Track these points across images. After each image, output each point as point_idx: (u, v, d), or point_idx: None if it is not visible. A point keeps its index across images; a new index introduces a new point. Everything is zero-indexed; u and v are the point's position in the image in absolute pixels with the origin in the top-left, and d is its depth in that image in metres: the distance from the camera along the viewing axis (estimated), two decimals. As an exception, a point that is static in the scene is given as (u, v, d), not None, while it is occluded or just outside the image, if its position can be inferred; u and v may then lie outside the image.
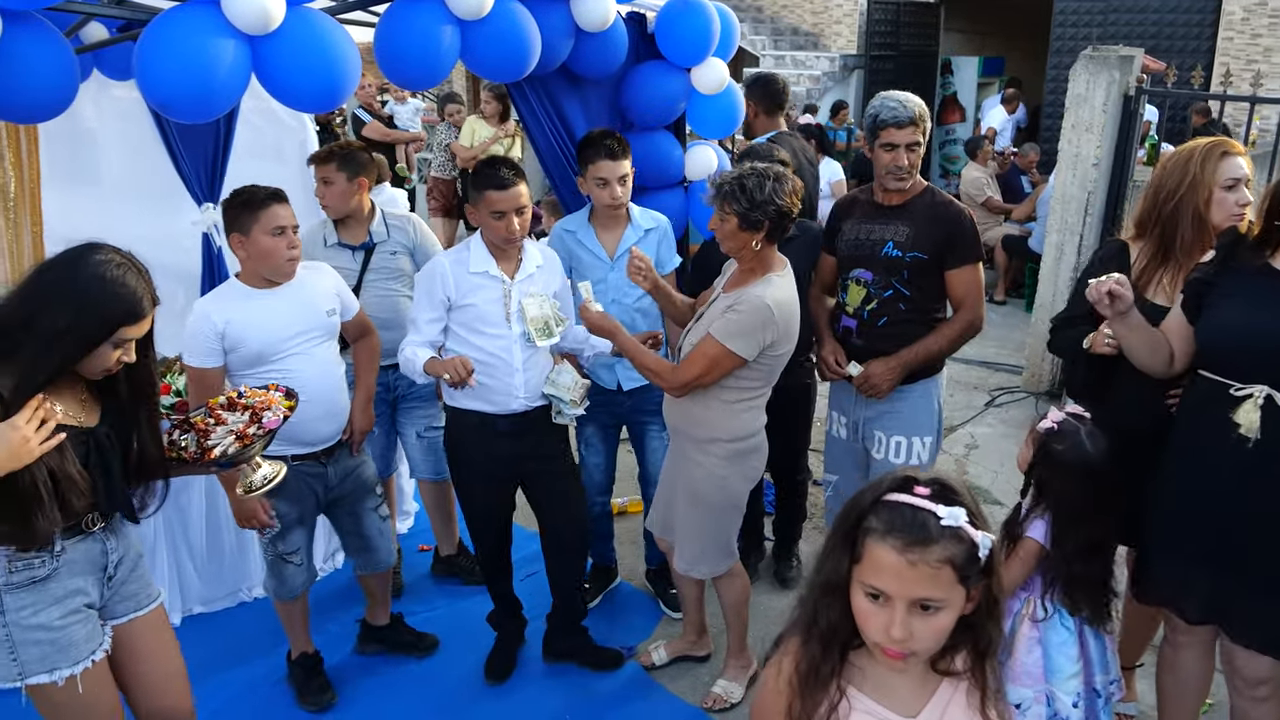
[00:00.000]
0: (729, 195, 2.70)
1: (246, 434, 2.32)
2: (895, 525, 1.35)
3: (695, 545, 3.04)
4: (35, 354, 1.98)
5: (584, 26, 3.15)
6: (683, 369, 2.80)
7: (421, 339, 2.96)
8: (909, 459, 3.18)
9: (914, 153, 3.01)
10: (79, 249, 2.05)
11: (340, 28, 2.52)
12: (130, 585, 2.34)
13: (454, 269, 2.94)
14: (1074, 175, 5.60)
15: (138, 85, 2.35)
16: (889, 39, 12.65)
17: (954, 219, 3.07)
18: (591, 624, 3.65)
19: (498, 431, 3.04)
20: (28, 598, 2.11)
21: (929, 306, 3.14)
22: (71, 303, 2.00)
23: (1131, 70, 5.45)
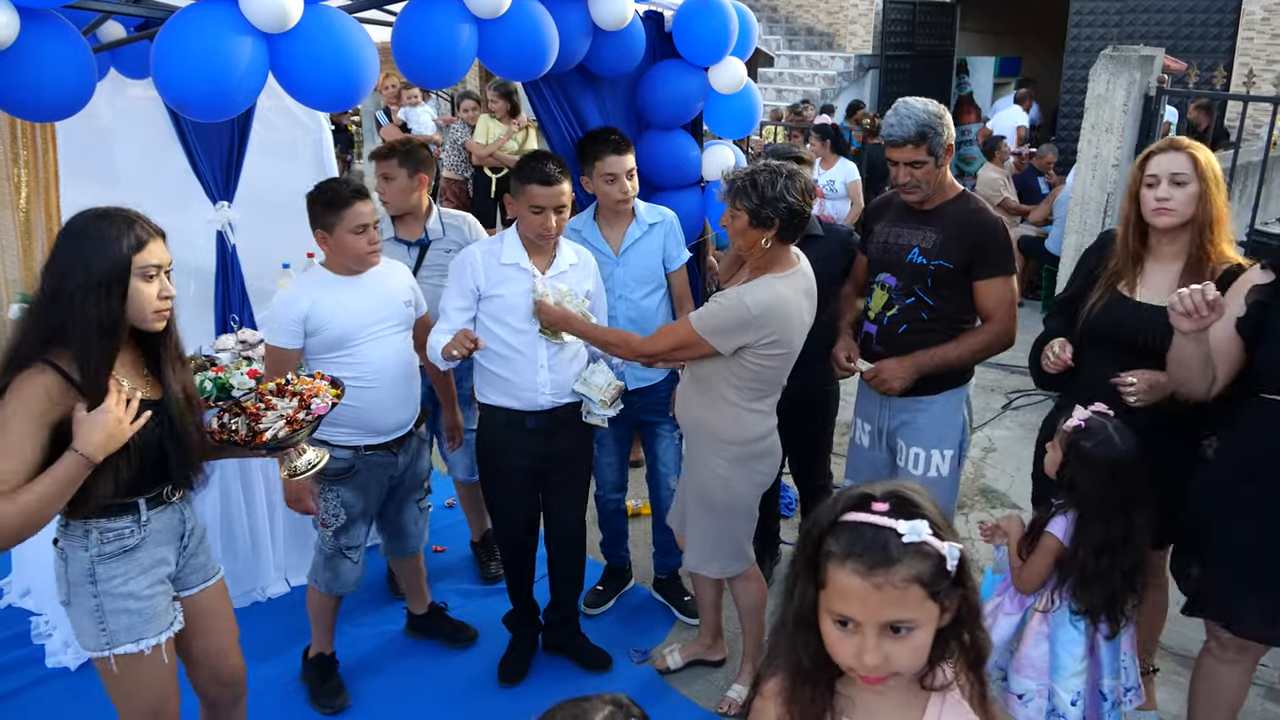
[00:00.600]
0: (740, 191, 2.67)
1: (296, 419, 2.37)
2: (855, 548, 1.27)
3: (705, 546, 3.02)
4: (79, 323, 2.02)
5: (602, 25, 3.13)
6: (649, 341, 2.84)
7: (449, 327, 2.94)
8: (928, 471, 3.11)
9: (917, 169, 2.91)
10: (67, 222, 2.12)
11: (358, 26, 2.50)
12: (199, 557, 2.44)
13: (485, 259, 2.94)
14: (1093, 176, 5.54)
15: (154, 84, 2.33)
16: (904, 39, 12.59)
17: (986, 228, 2.96)
18: (605, 627, 3.64)
19: (526, 429, 3.03)
20: (119, 567, 2.19)
21: (954, 317, 3.04)
22: (78, 258, 2.04)
23: (1152, 70, 5.40)
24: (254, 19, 2.29)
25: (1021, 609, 2.57)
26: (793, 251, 2.82)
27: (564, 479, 3.20)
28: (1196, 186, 2.56)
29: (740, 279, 2.84)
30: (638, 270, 3.37)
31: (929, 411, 3.10)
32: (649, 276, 3.41)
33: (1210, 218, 2.58)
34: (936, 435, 3.11)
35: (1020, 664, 2.54)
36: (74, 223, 2.09)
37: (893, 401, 3.12)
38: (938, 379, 3.05)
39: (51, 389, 2.00)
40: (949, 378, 3.07)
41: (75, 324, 2.02)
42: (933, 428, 3.11)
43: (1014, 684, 2.57)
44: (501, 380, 2.96)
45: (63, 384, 2.01)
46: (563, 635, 3.46)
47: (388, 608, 3.83)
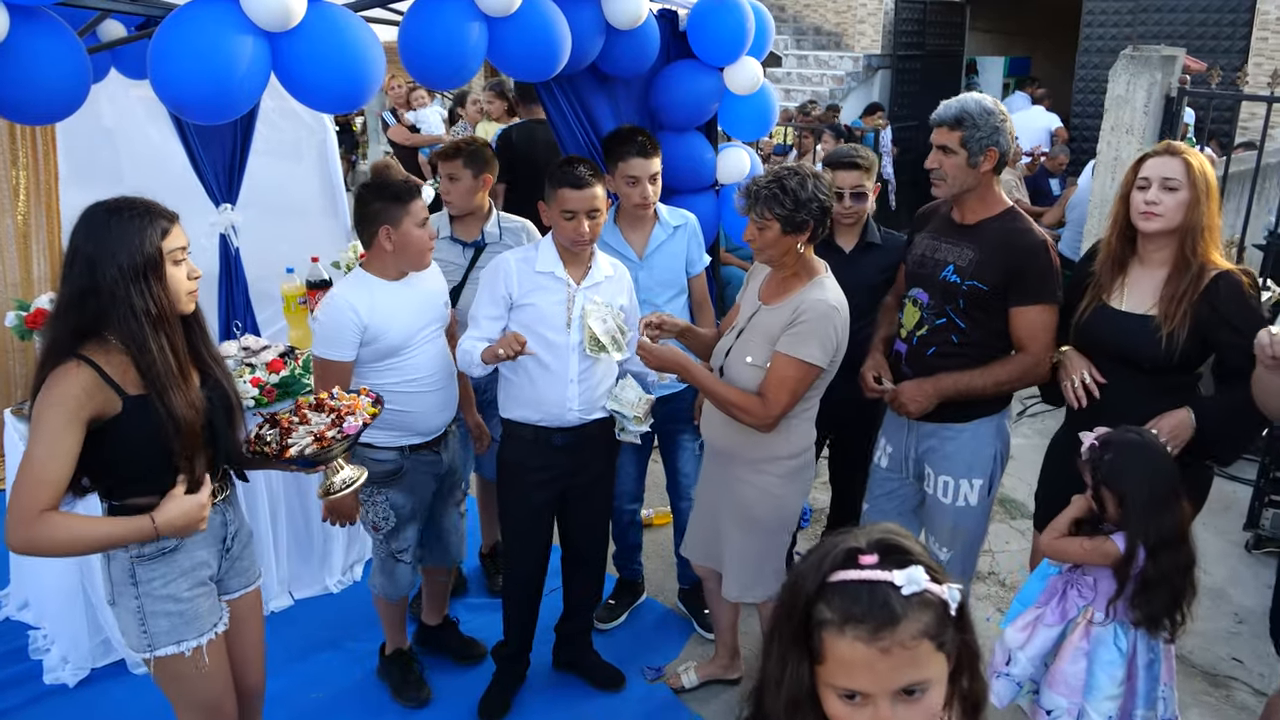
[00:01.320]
0: (770, 199, 2.56)
1: (325, 437, 2.31)
2: (853, 611, 1.13)
3: (749, 571, 2.90)
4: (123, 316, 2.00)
5: (615, 24, 3.03)
6: (772, 401, 2.62)
7: (480, 335, 2.83)
8: (955, 501, 2.95)
9: (946, 157, 2.74)
10: (80, 218, 2.07)
11: (364, 24, 2.41)
12: (242, 560, 2.43)
13: (519, 266, 2.83)
14: (1113, 179, 5.42)
15: (152, 85, 2.24)
16: (915, 39, 12.47)
17: (1028, 250, 2.71)
18: (618, 643, 3.54)
19: (553, 446, 2.91)
20: (159, 569, 2.19)
21: (986, 344, 2.80)
22: (105, 251, 2.01)
23: (1174, 71, 5.29)
24: (255, 17, 2.20)
25: (1063, 621, 2.46)
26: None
27: (587, 496, 3.08)
28: (1187, 194, 2.50)
29: (781, 290, 2.71)
30: (661, 274, 3.27)
31: (958, 440, 2.92)
32: (672, 280, 3.31)
33: (1198, 226, 2.52)
34: (965, 464, 2.93)
35: (1054, 679, 2.44)
36: (91, 217, 2.05)
37: (920, 425, 2.97)
38: (968, 406, 2.86)
39: (87, 384, 1.99)
40: (981, 405, 2.87)
41: (119, 317, 2.01)
42: (961, 456, 2.93)
43: (1045, 699, 2.47)
44: (528, 394, 2.83)
45: (97, 380, 2.00)
46: (574, 651, 3.36)
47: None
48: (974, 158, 2.71)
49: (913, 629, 1.13)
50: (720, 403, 2.70)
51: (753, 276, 2.89)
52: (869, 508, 3.26)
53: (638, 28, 3.10)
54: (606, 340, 2.73)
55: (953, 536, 3.01)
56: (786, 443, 2.75)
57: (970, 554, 3.10)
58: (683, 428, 3.44)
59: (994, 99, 2.80)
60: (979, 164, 2.72)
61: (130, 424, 2.05)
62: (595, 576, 3.30)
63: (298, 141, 5.17)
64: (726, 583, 2.96)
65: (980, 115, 2.70)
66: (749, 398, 2.66)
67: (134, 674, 3.35)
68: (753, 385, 2.68)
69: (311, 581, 3.91)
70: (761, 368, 2.66)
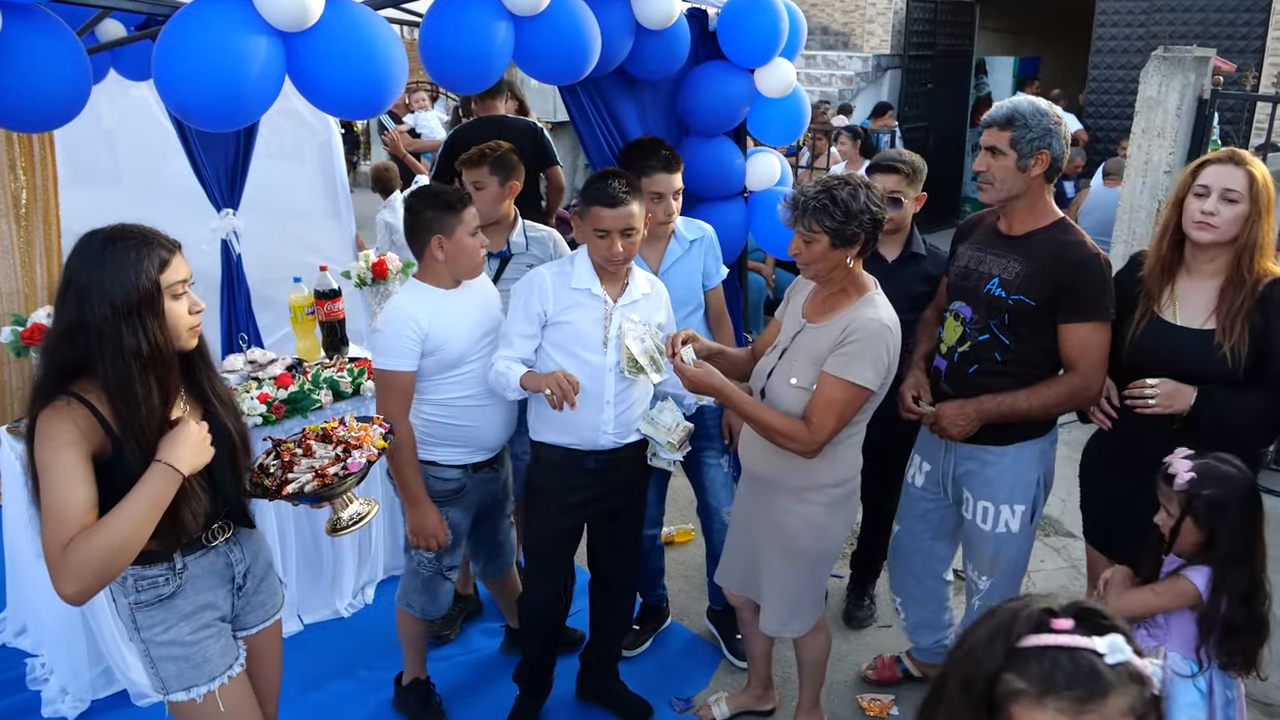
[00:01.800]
0: (819, 211, 2.39)
1: (327, 473, 2.17)
2: (1056, 681, 1.01)
3: (788, 604, 2.74)
4: (111, 355, 1.86)
5: (645, 24, 2.88)
6: (817, 426, 2.45)
7: (513, 355, 2.68)
8: (996, 527, 2.81)
9: (995, 159, 2.60)
10: (75, 247, 1.94)
11: (385, 24, 2.24)
12: (260, 595, 2.32)
13: (555, 281, 2.68)
14: (1143, 183, 5.27)
15: (157, 89, 2.07)
16: (925, 38, 12.30)
17: (1080, 264, 2.56)
18: (643, 670, 3.38)
19: (584, 469, 2.76)
20: (157, 615, 2.09)
21: (1033, 362, 2.65)
22: (95, 286, 1.87)
23: (1206, 73, 5.13)
24: (269, 16, 2.03)
25: None
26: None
27: (618, 520, 2.94)
28: (1246, 207, 2.39)
29: (828, 308, 2.56)
30: (678, 291, 3.11)
31: (999, 465, 2.77)
32: (689, 297, 3.17)
33: (1253, 242, 2.41)
34: (1007, 490, 2.78)
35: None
36: (85, 248, 1.92)
37: (959, 446, 2.81)
38: (1010, 427, 2.71)
39: (81, 421, 1.87)
40: (1025, 428, 2.72)
41: (106, 357, 1.87)
42: (1002, 481, 2.78)
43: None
44: (562, 416, 2.63)
45: (89, 418, 1.87)
46: (600, 681, 3.20)
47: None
48: (1024, 160, 2.56)
49: (1121, 704, 0.99)
50: (762, 428, 2.54)
51: (795, 292, 2.73)
52: (900, 529, 3.11)
53: (668, 28, 2.94)
54: (644, 361, 2.57)
55: (993, 564, 2.87)
56: (832, 470, 2.59)
57: (1013, 582, 2.94)
58: (707, 445, 3.29)
59: (1048, 101, 2.66)
60: (1029, 167, 2.58)
61: (122, 470, 1.90)
62: (625, 604, 3.16)
63: (300, 143, 5.03)
64: (764, 616, 2.80)
65: (1033, 115, 2.56)
66: (793, 422, 2.49)
67: (137, 706, 3.19)
68: (797, 408, 2.51)
69: (321, 605, 3.75)
70: (807, 390, 2.50)
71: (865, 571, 3.77)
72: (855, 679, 3.41)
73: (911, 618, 3.18)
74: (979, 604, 2.94)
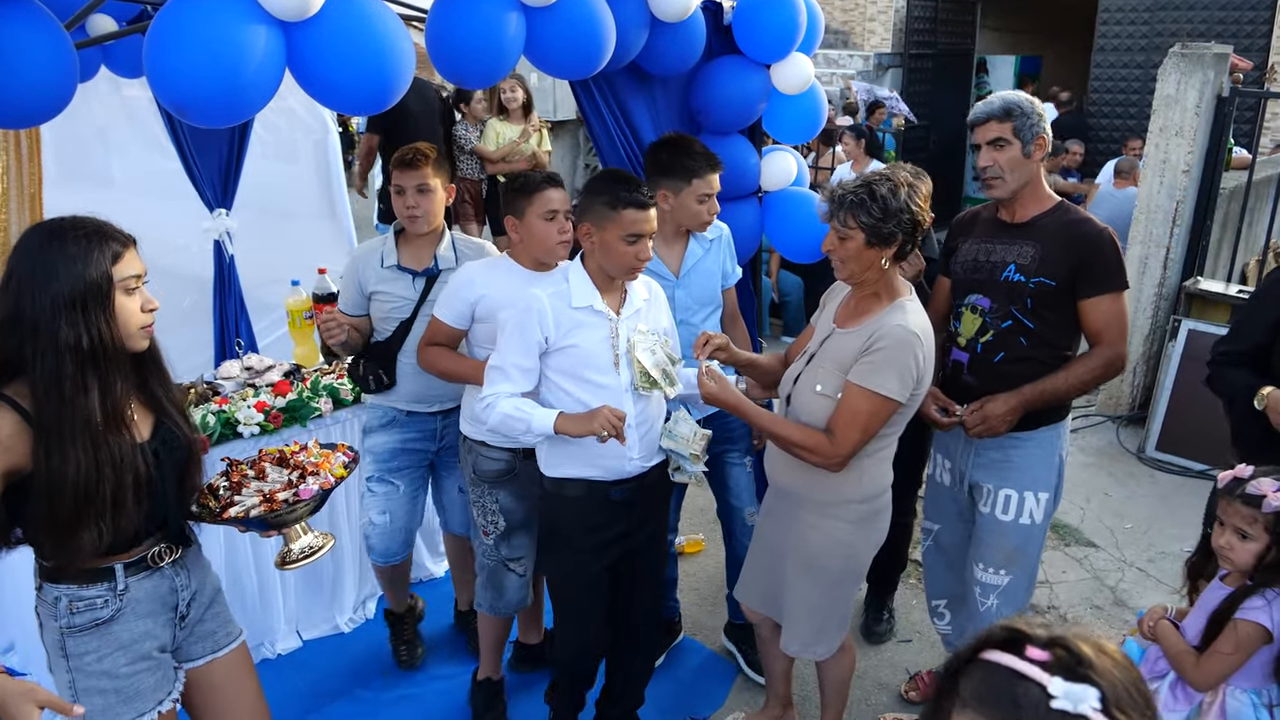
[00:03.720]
0: (856, 206, 2.28)
1: (276, 499, 2.04)
2: (982, 695, 0.97)
3: (811, 624, 2.61)
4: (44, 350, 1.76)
5: (661, 17, 2.74)
6: (841, 438, 2.33)
7: (511, 389, 2.42)
8: (1020, 517, 2.72)
9: (1000, 151, 2.59)
10: (20, 238, 1.85)
11: (392, 14, 2.11)
12: (207, 624, 2.15)
13: (553, 304, 2.43)
14: (1161, 183, 5.16)
15: (149, 83, 1.94)
16: (926, 37, 12.20)
17: (1092, 240, 2.59)
18: (657, 690, 3.23)
19: (610, 500, 2.54)
20: (91, 642, 1.93)
21: (1057, 343, 2.66)
22: (37, 277, 1.78)
23: (1225, 70, 5.03)
24: (269, 4, 1.90)
25: (1191, 703, 2.18)
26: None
27: (646, 549, 2.71)
28: None
29: (859, 312, 2.44)
30: (699, 292, 2.99)
31: (1023, 449, 2.72)
32: (709, 298, 3.05)
33: None
34: (1032, 476, 2.73)
35: None
36: (28, 239, 1.83)
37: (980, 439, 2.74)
38: (1038, 413, 2.68)
39: (2, 431, 1.76)
40: (1048, 412, 2.71)
41: (39, 351, 1.76)
42: (1028, 467, 2.73)
43: None
44: (582, 446, 2.43)
45: (18, 424, 1.77)
46: None
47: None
48: (1027, 147, 2.60)
49: None
50: (782, 442, 2.42)
51: (830, 297, 2.61)
52: (940, 528, 3.00)
53: (684, 21, 2.81)
54: (658, 374, 2.42)
55: (1012, 558, 2.77)
56: (858, 485, 2.46)
57: (1030, 580, 2.86)
58: (730, 446, 3.15)
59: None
60: (1032, 154, 2.62)
61: (44, 479, 1.78)
62: (651, 652, 2.95)
63: (295, 142, 4.89)
64: (786, 636, 2.68)
65: (1025, 104, 2.61)
66: (814, 435, 2.37)
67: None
68: (822, 416, 2.39)
69: (321, 620, 3.62)
70: (832, 398, 2.38)
71: (883, 585, 3.65)
72: (876, 696, 3.29)
73: (956, 623, 3.05)
74: (996, 602, 2.82)
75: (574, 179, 9.90)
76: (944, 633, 3.13)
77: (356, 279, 3.02)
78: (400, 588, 3.40)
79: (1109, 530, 4.40)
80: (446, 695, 3.28)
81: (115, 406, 1.84)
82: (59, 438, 1.77)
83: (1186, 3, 11.14)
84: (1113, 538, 4.34)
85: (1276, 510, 2.03)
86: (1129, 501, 4.66)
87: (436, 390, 3.01)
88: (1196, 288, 5.14)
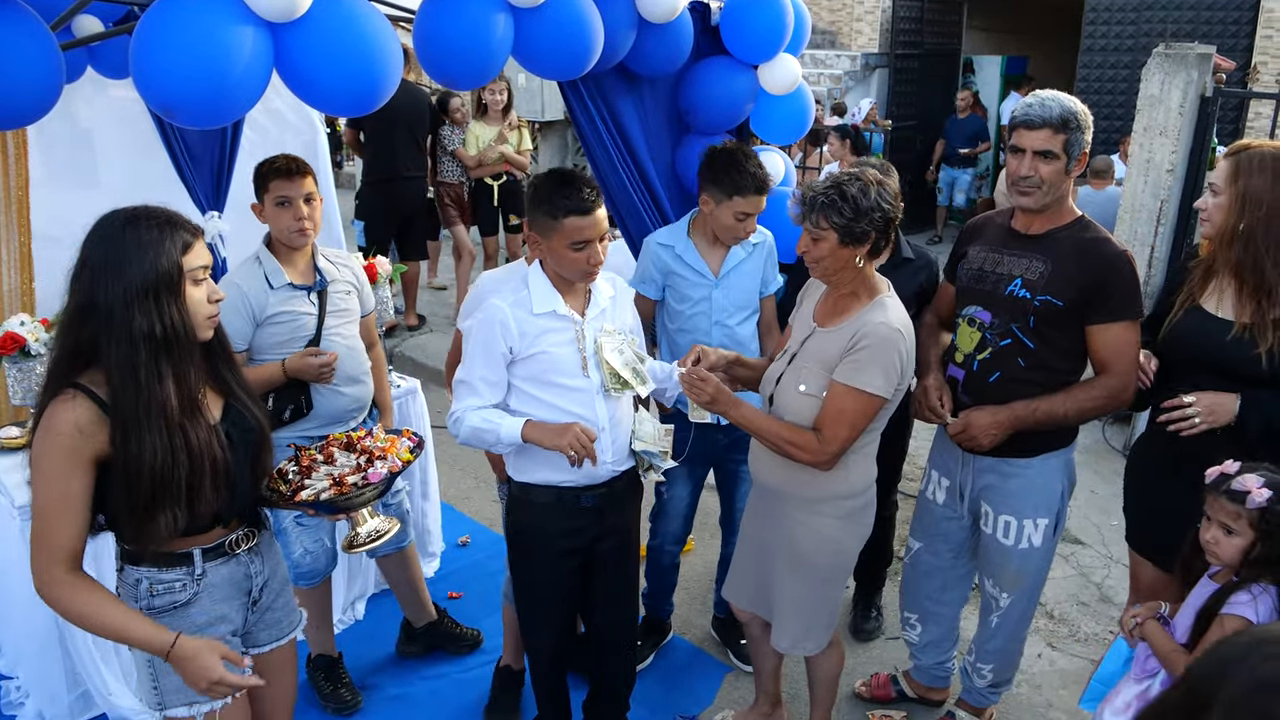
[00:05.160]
0: (827, 206, 2.29)
1: (345, 482, 2.06)
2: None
3: (800, 621, 2.62)
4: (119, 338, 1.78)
5: (649, 18, 2.76)
6: (829, 436, 2.34)
7: (480, 403, 2.39)
8: (1019, 543, 2.70)
9: (1044, 164, 2.42)
10: (93, 226, 1.85)
11: (379, 15, 2.12)
12: (275, 611, 2.20)
13: (515, 312, 2.37)
14: (1145, 182, 5.20)
15: (135, 85, 1.94)
16: (913, 37, 12.25)
17: (1109, 262, 2.44)
18: (646, 688, 3.27)
19: (581, 508, 2.51)
20: (169, 623, 1.96)
21: (1057, 367, 2.53)
22: (111, 264, 1.79)
23: (1208, 70, 5.06)
24: (255, 5, 1.91)
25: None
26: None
27: (616, 557, 2.66)
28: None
29: (838, 311, 2.45)
30: (737, 295, 2.98)
31: (1023, 476, 2.64)
32: (746, 302, 3.04)
33: None
34: (1031, 504, 2.66)
35: None
36: (105, 225, 1.84)
37: (977, 459, 2.69)
38: (1034, 438, 2.58)
39: (83, 420, 1.78)
40: (1050, 437, 2.59)
41: (114, 339, 1.78)
42: (1027, 495, 2.66)
43: None
44: (553, 453, 2.38)
45: (94, 412, 1.79)
46: None
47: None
48: (1071, 163, 2.44)
49: None
50: (771, 441, 2.42)
51: (806, 295, 2.62)
52: (921, 546, 2.99)
53: (671, 22, 2.83)
54: (628, 374, 2.41)
55: (1014, 580, 2.76)
56: (845, 481, 2.48)
57: (1033, 599, 2.86)
58: (740, 455, 3.14)
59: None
60: (1073, 170, 2.46)
61: (125, 466, 1.82)
62: (628, 649, 2.92)
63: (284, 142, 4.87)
64: (776, 632, 2.69)
65: (1083, 117, 2.43)
66: (803, 434, 2.38)
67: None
68: (806, 416, 2.41)
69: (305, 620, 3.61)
70: (817, 397, 2.39)
71: (870, 582, 3.67)
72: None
73: (925, 637, 3.07)
74: (997, 620, 2.84)
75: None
76: (911, 643, 3.14)
77: (246, 308, 2.73)
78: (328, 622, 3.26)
79: (1095, 527, 4.44)
80: (437, 695, 3.29)
81: (190, 393, 1.86)
82: (136, 425, 1.79)
83: (1173, 3, 11.21)
84: (1099, 535, 4.37)
85: (1260, 506, 2.05)
86: (1115, 499, 4.62)
87: (352, 405, 2.96)
88: (1181, 286, 5.17)
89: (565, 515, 2.51)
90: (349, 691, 3.20)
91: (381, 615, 3.68)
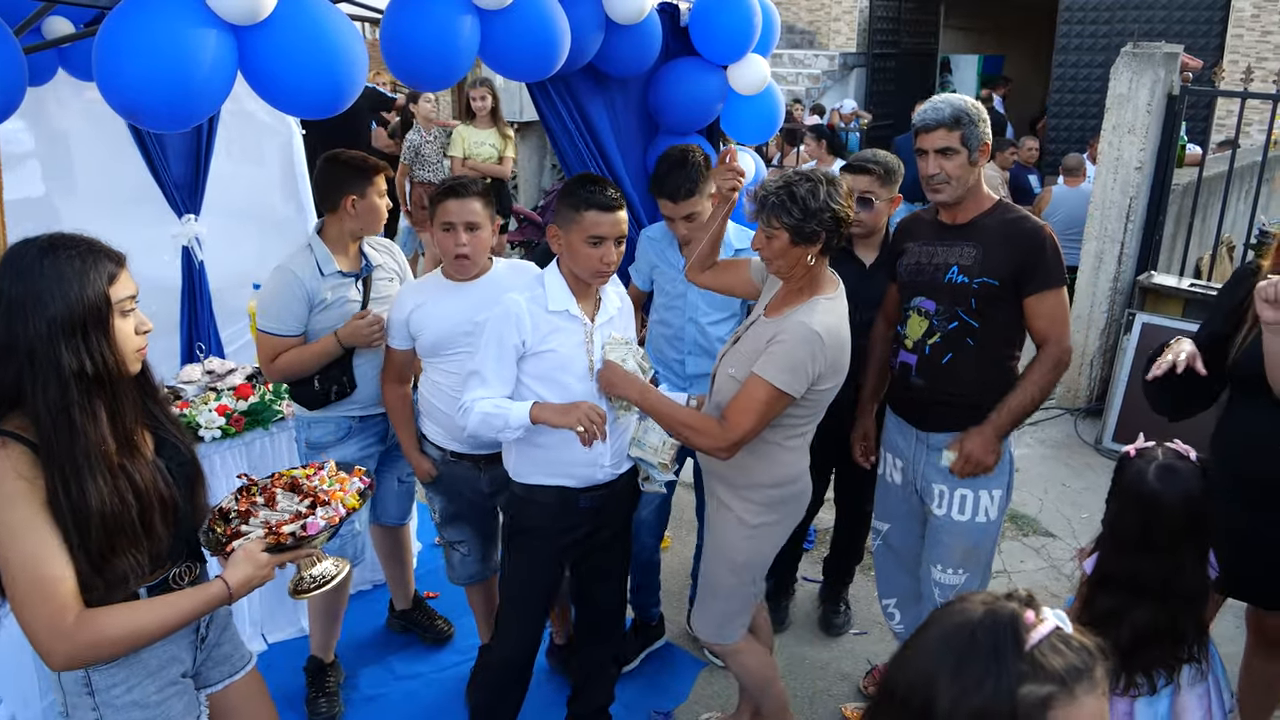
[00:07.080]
0: (777, 207, 2.33)
1: (281, 532, 1.93)
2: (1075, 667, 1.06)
3: (717, 607, 2.67)
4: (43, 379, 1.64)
5: (616, 19, 2.79)
6: (732, 424, 2.37)
7: (489, 392, 2.43)
8: (975, 516, 2.75)
9: (947, 160, 2.61)
10: (5, 257, 1.71)
11: (344, 17, 2.13)
12: (223, 648, 2.08)
13: (531, 307, 2.43)
14: (1115, 179, 5.26)
15: (99, 88, 1.94)
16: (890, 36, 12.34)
17: (1031, 237, 2.63)
18: (619, 685, 3.27)
19: (579, 510, 2.56)
20: (119, 674, 1.83)
21: (1001, 341, 2.71)
22: (29, 299, 1.65)
23: (1175, 69, 5.13)
24: (219, 8, 1.92)
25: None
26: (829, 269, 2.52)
27: (606, 559, 2.73)
28: None
29: (783, 304, 2.49)
30: (714, 295, 3.00)
31: None
32: (724, 304, 3.06)
33: None
34: (985, 474, 2.74)
35: None
36: (19, 256, 1.69)
37: (931, 437, 2.78)
38: (983, 410, 2.70)
39: (20, 467, 1.64)
40: (994, 408, 2.72)
41: (39, 380, 1.64)
42: None
43: None
44: (558, 456, 2.44)
45: (30, 457, 1.65)
46: None
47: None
48: (972, 155, 2.64)
49: None
50: (671, 426, 2.46)
51: (769, 287, 2.65)
52: (890, 527, 3.04)
53: (639, 23, 2.85)
54: None
55: (969, 557, 2.81)
56: (769, 470, 2.51)
57: (985, 577, 2.92)
58: None
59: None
60: (976, 161, 2.66)
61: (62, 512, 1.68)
62: (615, 644, 2.96)
63: (260, 144, 4.86)
64: (696, 617, 2.73)
65: (973, 111, 2.64)
66: (704, 419, 2.43)
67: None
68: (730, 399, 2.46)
69: (286, 623, 3.62)
70: (740, 383, 2.44)
71: (839, 576, 3.70)
72: (838, 688, 3.34)
73: (906, 619, 3.10)
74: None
75: (540, 180, 9.91)
76: (897, 631, 3.17)
77: (303, 294, 2.85)
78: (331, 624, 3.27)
79: (1066, 520, 4.49)
80: (413, 696, 3.29)
81: (125, 431, 1.75)
82: (75, 470, 1.66)
83: (1146, 2, 11.34)
84: (1070, 527, 4.43)
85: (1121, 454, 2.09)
86: (1086, 492, 4.75)
87: None
88: (1150, 282, 5.24)
89: (565, 517, 2.57)
90: (328, 702, 3.19)
91: (359, 615, 3.68)
